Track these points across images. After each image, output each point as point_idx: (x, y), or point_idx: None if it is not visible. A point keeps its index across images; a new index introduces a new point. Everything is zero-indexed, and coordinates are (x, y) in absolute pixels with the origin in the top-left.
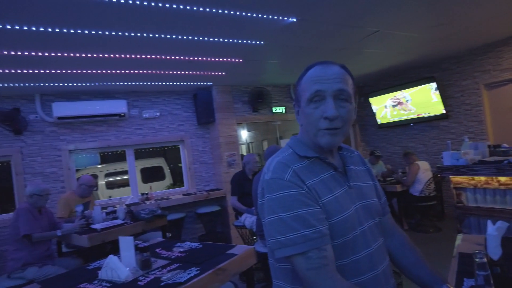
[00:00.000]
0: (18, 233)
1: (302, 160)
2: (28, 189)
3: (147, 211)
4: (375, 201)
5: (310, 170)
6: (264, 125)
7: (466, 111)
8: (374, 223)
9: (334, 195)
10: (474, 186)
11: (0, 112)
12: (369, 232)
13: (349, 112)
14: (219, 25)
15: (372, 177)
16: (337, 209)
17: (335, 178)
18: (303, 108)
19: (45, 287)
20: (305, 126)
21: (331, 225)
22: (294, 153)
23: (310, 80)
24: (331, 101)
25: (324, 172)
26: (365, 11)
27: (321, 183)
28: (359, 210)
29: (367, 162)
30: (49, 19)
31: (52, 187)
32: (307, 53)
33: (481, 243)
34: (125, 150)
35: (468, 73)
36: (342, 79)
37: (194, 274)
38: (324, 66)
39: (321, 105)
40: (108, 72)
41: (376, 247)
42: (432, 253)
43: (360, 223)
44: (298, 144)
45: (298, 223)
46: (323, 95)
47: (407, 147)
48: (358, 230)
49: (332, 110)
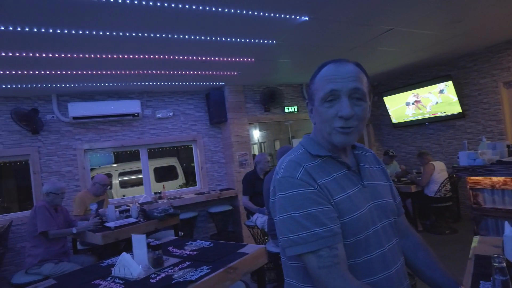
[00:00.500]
0: (35, 230)
1: (314, 159)
2: (44, 188)
3: (159, 209)
4: (390, 200)
5: (323, 169)
6: (276, 124)
7: (484, 110)
8: (389, 223)
9: (347, 194)
10: (491, 187)
11: (19, 112)
12: (382, 231)
13: (364, 110)
14: (231, 25)
15: (387, 177)
16: (349, 208)
17: (348, 177)
18: (317, 107)
19: (60, 283)
20: (319, 124)
21: (344, 224)
22: (307, 152)
23: (324, 78)
24: (346, 100)
25: (337, 171)
26: (378, 9)
27: (333, 182)
28: (373, 210)
29: (381, 162)
30: (66, 21)
31: (68, 186)
32: (319, 52)
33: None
34: (139, 150)
35: (486, 71)
36: (357, 77)
37: (205, 273)
38: (338, 64)
39: (335, 104)
40: (122, 72)
41: (389, 247)
42: (448, 255)
43: (374, 222)
44: (311, 143)
45: (310, 221)
46: (338, 94)
47: (422, 147)
48: (371, 230)
49: (347, 109)
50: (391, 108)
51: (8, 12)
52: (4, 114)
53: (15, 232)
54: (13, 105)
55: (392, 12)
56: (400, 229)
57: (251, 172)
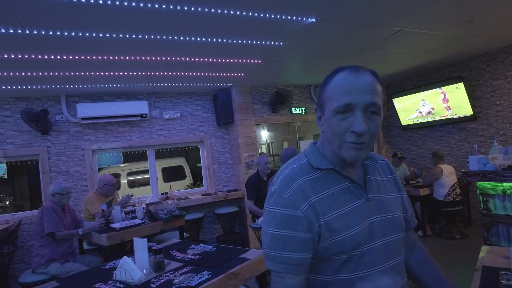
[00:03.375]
0: (42, 231)
1: (315, 171)
2: (50, 189)
3: (165, 211)
4: (398, 215)
5: (321, 182)
6: (284, 125)
7: (497, 112)
8: (394, 239)
9: (344, 209)
10: (503, 193)
11: (30, 113)
12: (383, 248)
13: (377, 126)
14: (238, 27)
15: (398, 187)
16: (343, 225)
17: (350, 191)
18: (328, 117)
19: (63, 285)
20: (329, 136)
21: (337, 242)
22: (308, 163)
23: (339, 88)
24: (360, 115)
25: (337, 185)
26: (387, 10)
27: (330, 197)
28: (375, 225)
29: (394, 171)
30: (75, 24)
31: (76, 186)
32: (328, 53)
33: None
34: (146, 150)
35: (499, 72)
36: (373, 90)
37: (206, 278)
38: (354, 74)
39: (348, 117)
40: (130, 74)
41: (391, 265)
42: (457, 261)
43: (373, 238)
44: (315, 154)
45: (281, 243)
46: (353, 108)
47: (432, 149)
48: (368, 246)
49: (361, 125)
50: (400, 109)
51: (18, 15)
52: (15, 114)
53: (25, 230)
54: (24, 105)
55: (402, 13)
56: (407, 242)
57: (254, 176)
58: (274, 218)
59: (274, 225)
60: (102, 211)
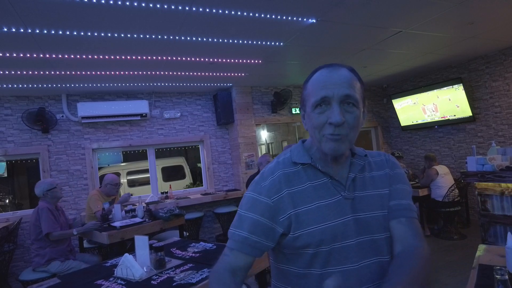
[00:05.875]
0: (39, 232)
1: (294, 165)
2: (38, 191)
3: (165, 210)
4: (377, 214)
5: (299, 176)
6: (284, 126)
7: (495, 114)
8: (370, 239)
9: (317, 204)
10: (501, 194)
11: (30, 112)
12: (357, 248)
13: (355, 118)
14: (239, 27)
15: (390, 182)
16: (313, 219)
17: (327, 187)
18: (309, 113)
19: (64, 282)
20: (311, 131)
21: (304, 234)
22: (290, 158)
23: (316, 84)
24: (336, 107)
25: (314, 180)
26: (387, 11)
27: (305, 191)
28: (349, 223)
29: (395, 166)
30: (76, 23)
31: (76, 184)
32: (328, 54)
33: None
34: (146, 150)
35: (498, 74)
36: (349, 84)
37: (206, 276)
38: (330, 70)
39: (326, 111)
40: (131, 73)
41: (360, 266)
42: (455, 261)
43: (346, 236)
44: (298, 149)
45: (246, 224)
46: (329, 100)
47: (431, 150)
48: (340, 243)
49: (337, 116)
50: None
51: (21, 15)
52: (16, 113)
53: (24, 229)
54: (25, 104)
55: (402, 15)
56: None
57: (255, 175)
58: (246, 202)
59: (244, 208)
60: (102, 209)
